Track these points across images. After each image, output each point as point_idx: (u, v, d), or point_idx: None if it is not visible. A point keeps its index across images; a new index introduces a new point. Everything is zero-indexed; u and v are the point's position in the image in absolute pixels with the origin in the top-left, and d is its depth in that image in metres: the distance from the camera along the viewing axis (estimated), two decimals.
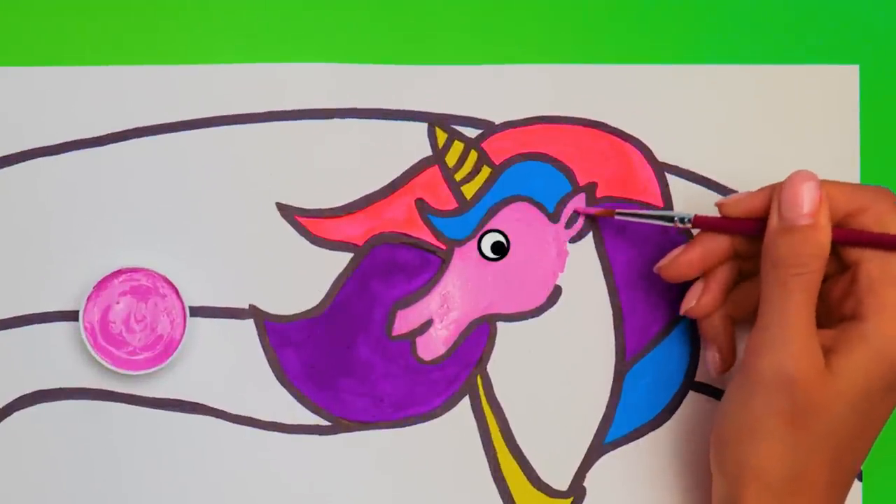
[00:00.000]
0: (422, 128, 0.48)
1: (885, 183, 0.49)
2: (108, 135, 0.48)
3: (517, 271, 0.48)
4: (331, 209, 0.48)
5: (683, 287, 0.47)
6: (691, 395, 0.49)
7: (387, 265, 0.48)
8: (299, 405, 0.48)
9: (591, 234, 0.49)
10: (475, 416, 0.48)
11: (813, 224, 0.41)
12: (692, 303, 0.45)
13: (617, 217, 0.47)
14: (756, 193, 0.43)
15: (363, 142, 0.48)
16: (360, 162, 0.48)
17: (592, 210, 0.48)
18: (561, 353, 0.48)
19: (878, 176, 0.49)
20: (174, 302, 0.47)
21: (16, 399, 0.47)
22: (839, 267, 0.43)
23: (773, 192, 0.42)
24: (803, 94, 0.49)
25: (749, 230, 0.44)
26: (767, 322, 0.41)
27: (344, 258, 0.48)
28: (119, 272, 0.47)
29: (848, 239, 0.42)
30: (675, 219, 0.45)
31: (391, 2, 0.49)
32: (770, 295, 0.41)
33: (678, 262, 0.45)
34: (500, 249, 0.48)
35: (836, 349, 0.41)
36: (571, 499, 0.48)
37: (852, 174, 0.49)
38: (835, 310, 0.43)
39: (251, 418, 0.48)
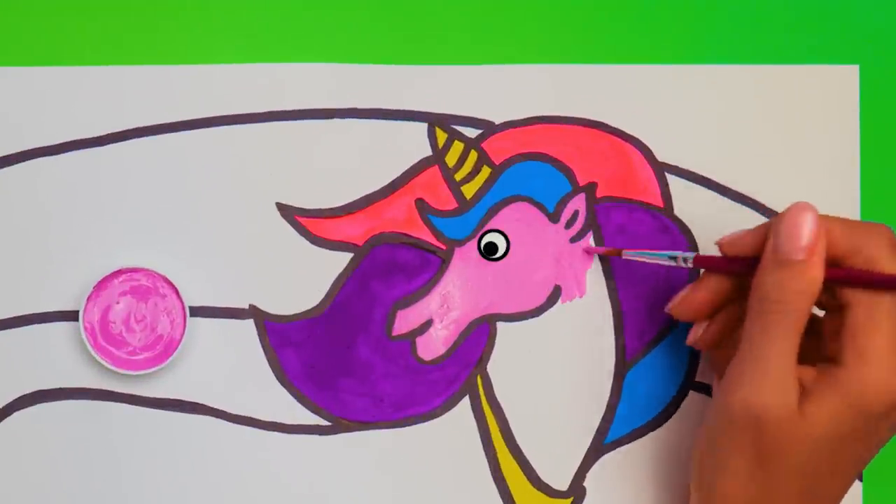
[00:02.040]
0: (422, 128, 0.48)
1: (885, 183, 0.49)
2: (107, 135, 0.48)
3: (517, 271, 0.48)
4: (331, 209, 0.48)
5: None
6: (691, 395, 0.49)
7: (387, 265, 0.48)
8: (299, 405, 0.48)
9: (590, 234, 0.49)
10: (475, 416, 0.48)
11: (807, 260, 0.39)
12: (698, 333, 0.45)
13: (624, 257, 0.47)
14: (754, 231, 0.42)
15: (363, 142, 0.48)
16: (360, 162, 0.48)
17: (601, 250, 0.48)
18: (561, 353, 0.48)
19: (878, 176, 0.49)
20: (174, 302, 0.47)
21: (16, 399, 0.47)
22: (835, 304, 0.41)
23: (770, 225, 0.41)
24: (803, 94, 0.49)
25: (745, 270, 0.42)
26: (744, 356, 0.40)
27: (344, 258, 0.48)
28: (119, 272, 0.47)
29: (837, 278, 0.40)
30: (679, 258, 0.44)
31: (391, 2, 0.49)
32: (751, 329, 0.40)
33: (687, 303, 0.44)
34: (493, 250, 0.48)
35: (812, 391, 0.39)
36: (571, 499, 0.48)
37: (852, 175, 0.49)
38: (824, 347, 0.41)
39: (251, 418, 0.48)
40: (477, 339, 0.48)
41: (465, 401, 0.48)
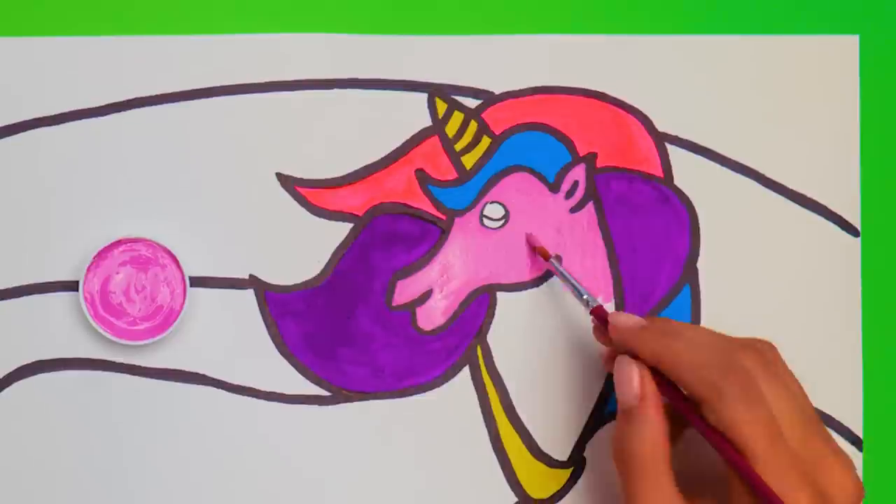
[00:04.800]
0: (422, 98, 0.48)
1: (885, 151, 0.49)
2: (108, 105, 0.48)
3: (517, 241, 0.48)
4: (331, 179, 0.48)
5: (684, 258, 0.47)
6: None
7: (386, 235, 0.48)
8: (299, 375, 0.48)
9: (591, 204, 0.49)
10: (475, 387, 0.48)
11: (639, 404, 0.41)
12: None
13: (548, 264, 0.47)
14: (638, 325, 0.43)
15: (363, 112, 0.48)
16: (360, 132, 0.48)
17: (537, 242, 0.48)
18: (561, 323, 0.48)
19: (878, 145, 0.49)
20: (174, 272, 0.47)
21: (16, 369, 0.47)
22: None
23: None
24: (803, 64, 0.49)
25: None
26: None
27: (344, 228, 0.48)
28: (119, 242, 0.47)
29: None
30: (584, 298, 0.45)
31: None
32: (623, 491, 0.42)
33: (596, 336, 0.46)
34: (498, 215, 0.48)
35: None
36: (571, 469, 0.48)
37: (852, 145, 0.49)
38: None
39: (251, 388, 0.48)
40: (477, 309, 0.48)
41: (465, 371, 0.48)
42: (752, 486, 0.38)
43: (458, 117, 0.48)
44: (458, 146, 0.48)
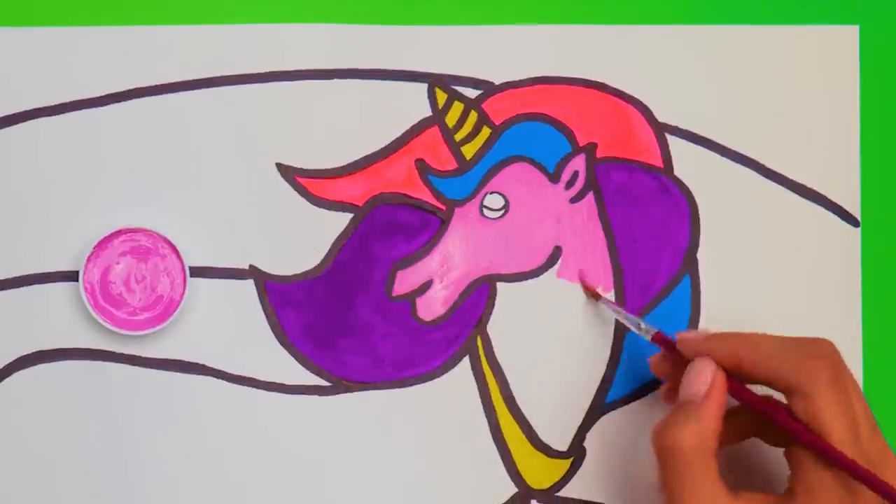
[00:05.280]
0: (422, 88, 0.48)
1: (885, 142, 0.49)
2: (108, 95, 0.48)
3: (517, 231, 0.48)
4: (331, 169, 0.48)
5: (684, 248, 0.47)
6: None
7: (386, 225, 0.48)
8: (299, 365, 0.48)
9: (591, 194, 0.49)
10: (475, 377, 0.48)
11: (702, 403, 0.42)
12: (662, 389, 0.47)
13: (601, 301, 0.48)
14: (710, 338, 0.43)
15: (363, 102, 0.48)
16: (360, 122, 0.48)
17: (589, 285, 0.48)
18: (561, 313, 0.48)
19: (878, 135, 0.49)
20: (174, 262, 0.47)
21: (16, 359, 0.47)
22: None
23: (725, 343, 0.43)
24: (803, 54, 0.49)
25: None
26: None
27: (344, 218, 0.48)
28: (119, 232, 0.47)
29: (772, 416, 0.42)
30: (641, 327, 0.45)
31: None
32: (662, 482, 0.42)
33: (653, 366, 0.46)
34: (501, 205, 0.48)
35: None
36: (571, 459, 0.48)
37: (852, 135, 0.49)
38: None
39: (251, 378, 0.48)
40: (477, 299, 0.48)
41: (465, 361, 0.48)
42: (850, 473, 0.39)
43: (458, 107, 0.48)
44: (459, 136, 0.48)
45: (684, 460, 0.41)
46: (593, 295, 0.48)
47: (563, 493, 0.48)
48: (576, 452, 0.48)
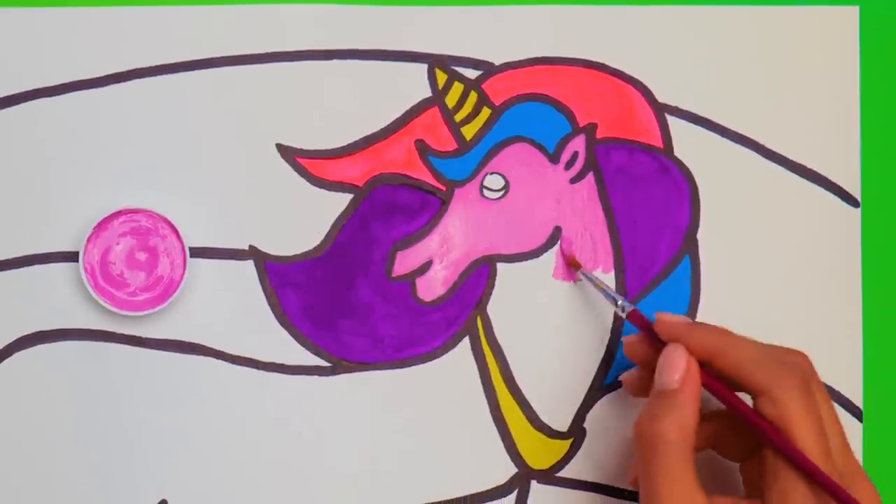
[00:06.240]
0: (422, 69, 0.48)
1: (885, 123, 0.49)
2: (108, 76, 0.48)
3: (517, 212, 0.48)
4: (331, 150, 0.48)
5: (684, 229, 0.47)
6: None
7: (386, 206, 0.48)
8: (299, 346, 0.48)
9: (591, 175, 0.49)
10: (475, 357, 0.48)
11: (679, 389, 0.41)
12: (626, 377, 0.46)
13: (579, 275, 0.48)
14: (689, 324, 0.43)
15: (363, 83, 0.48)
16: (360, 103, 0.48)
17: (564, 261, 0.48)
18: (561, 293, 0.48)
19: (878, 116, 0.49)
20: (174, 243, 0.47)
21: (16, 340, 0.47)
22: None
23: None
24: (803, 34, 0.49)
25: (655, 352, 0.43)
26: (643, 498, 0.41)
27: (344, 199, 0.48)
28: (119, 213, 0.47)
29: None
30: (619, 304, 0.45)
31: None
32: (640, 472, 0.42)
33: (627, 348, 0.46)
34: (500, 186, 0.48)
35: None
36: (571, 439, 0.48)
37: (852, 115, 0.49)
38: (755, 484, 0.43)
39: (251, 359, 0.48)
40: (477, 279, 0.48)
41: (465, 342, 0.48)
42: (812, 477, 0.39)
43: (458, 88, 0.48)
44: (458, 117, 0.48)
45: (666, 453, 0.40)
46: (573, 264, 0.48)
47: (563, 473, 0.48)
48: (576, 433, 0.48)
